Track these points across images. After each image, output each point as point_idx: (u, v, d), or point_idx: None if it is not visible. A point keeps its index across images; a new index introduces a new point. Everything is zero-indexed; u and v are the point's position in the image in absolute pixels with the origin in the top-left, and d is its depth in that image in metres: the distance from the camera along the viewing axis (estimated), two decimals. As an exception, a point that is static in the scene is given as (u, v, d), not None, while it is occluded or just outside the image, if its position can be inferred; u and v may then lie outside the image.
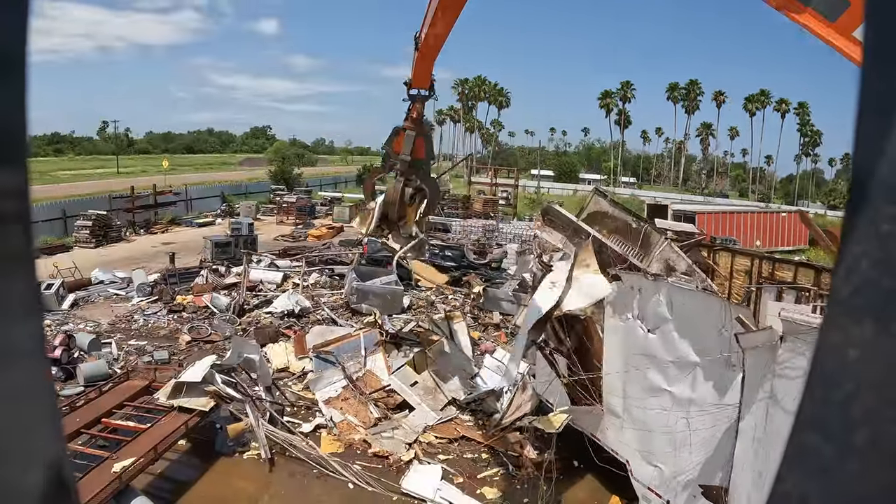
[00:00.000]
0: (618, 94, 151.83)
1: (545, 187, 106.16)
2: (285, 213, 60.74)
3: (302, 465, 16.15)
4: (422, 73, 18.75)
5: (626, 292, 14.32)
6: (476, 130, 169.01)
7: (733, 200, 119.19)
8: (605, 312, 15.05)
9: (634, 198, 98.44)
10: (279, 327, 25.49)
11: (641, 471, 13.88)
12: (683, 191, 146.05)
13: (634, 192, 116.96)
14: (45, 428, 0.87)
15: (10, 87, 0.77)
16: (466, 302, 30.35)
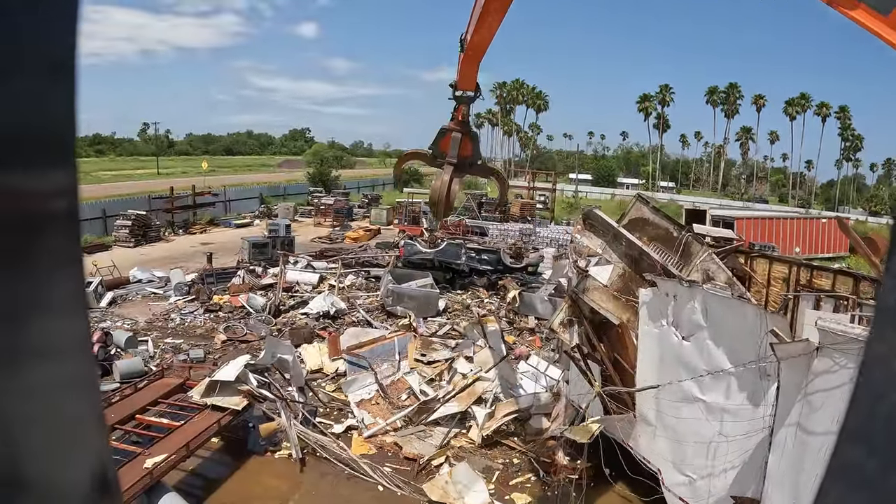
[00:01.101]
0: (656, 97, 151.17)
1: (583, 191, 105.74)
2: (323, 215, 60.96)
3: (333, 466, 16.15)
4: (467, 75, 18.76)
5: (660, 298, 14.18)
6: (514, 134, 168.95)
7: (773, 206, 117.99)
8: (640, 318, 14.92)
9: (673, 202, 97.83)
10: (314, 328, 25.55)
11: (673, 480, 13.73)
12: (722, 196, 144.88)
13: (673, 196, 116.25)
14: (91, 426, 0.92)
15: (61, 91, 0.81)
16: (502, 306, 30.23)
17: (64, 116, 0.81)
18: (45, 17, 0.79)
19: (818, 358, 10.23)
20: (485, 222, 55.24)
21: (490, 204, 61.19)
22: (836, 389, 9.91)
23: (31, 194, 0.81)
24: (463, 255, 34.10)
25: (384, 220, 59.96)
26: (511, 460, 16.97)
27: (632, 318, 15.42)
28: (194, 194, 57.46)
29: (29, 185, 0.81)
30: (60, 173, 0.83)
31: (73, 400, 0.88)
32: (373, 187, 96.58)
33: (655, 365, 14.26)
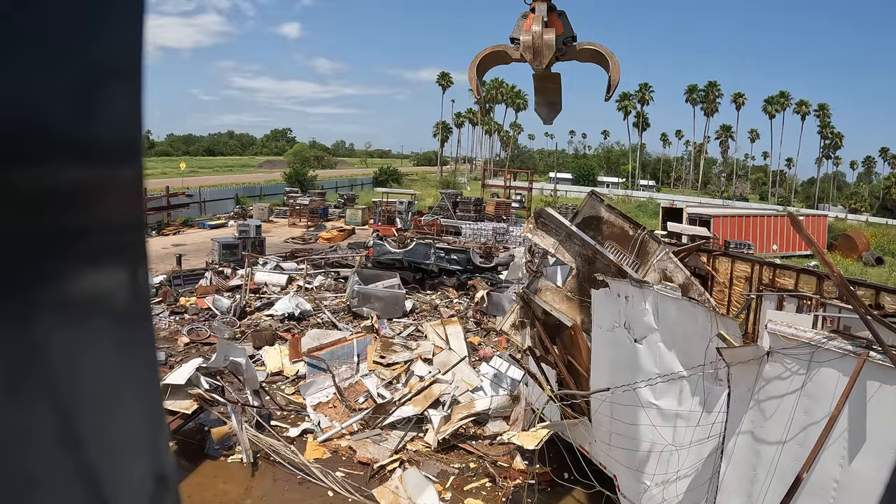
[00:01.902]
0: (636, 96, 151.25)
1: (563, 190, 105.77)
2: (298, 216, 60.53)
3: (286, 471, 15.86)
4: None
5: (613, 299, 13.84)
6: (495, 133, 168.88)
7: (753, 203, 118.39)
8: (593, 320, 14.59)
9: (651, 200, 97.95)
10: (277, 330, 25.20)
11: (629, 486, 13.43)
12: (703, 194, 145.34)
13: (653, 195, 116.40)
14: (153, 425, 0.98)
15: (128, 94, 0.86)
16: (471, 306, 29.94)
17: (131, 117, 0.86)
18: (112, 23, 0.83)
19: (769, 363, 9.91)
20: (459, 221, 55.05)
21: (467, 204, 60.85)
22: (788, 396, 9.60)
23: (102, 190, 0.85)
24: (432, 255, 33.82)
25: (359, 220, 59.72)
26: (467, 465, 16.66)
27: (585, 319, 15.10)
28: (168, 195, 56.89)
29: (100, 181, 0.85)
30: (128, 170, 0.88)
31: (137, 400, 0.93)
32: (351, 187, 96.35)
33: (609, 368, 13.93)
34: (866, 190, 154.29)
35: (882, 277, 47.69)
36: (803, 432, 9.26)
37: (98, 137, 0.83)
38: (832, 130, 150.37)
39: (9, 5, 0.74)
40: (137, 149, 0.87)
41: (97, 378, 0.86)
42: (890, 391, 8.24)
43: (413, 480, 14.90)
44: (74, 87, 0.80)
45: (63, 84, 0.79)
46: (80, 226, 0.83)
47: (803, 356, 9.36)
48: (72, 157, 0.81)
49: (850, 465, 8.67)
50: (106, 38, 0.82)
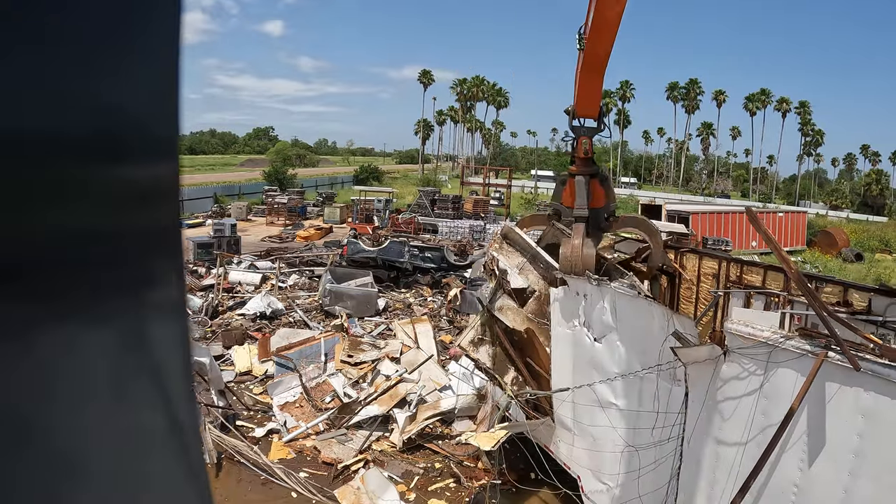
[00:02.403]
0: (617, 93, 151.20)
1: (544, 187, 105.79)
2: (276, 214, 60.22)
3: (249, 472, 15.70)
4: (589, 94, 14.98)
5: (572, 298, 13.71)
6: (477, 131, 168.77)
7: (734, 200, 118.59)
8: (552, 318, 14.46)
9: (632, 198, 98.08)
10: (248, 329, 24.99)
11: (592, 487, 13.31)
12: (685, 191, 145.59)
13: (633, 192, 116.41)
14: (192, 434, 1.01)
15: (166, 94, 0.88)
16: (444, 304, 29.81)
17: (166, 114, 0.88)
18: (149, 27, 0.86)
19: (726, 363, 9.77)
20: (436, 219, 54.94)
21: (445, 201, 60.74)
22: (746, 397, 9.46)
23: (140, 188, 0.88)
24: (406, 253, 33.70)
25: (337, 219, 59.57)
26: (433, 465, 16.55)
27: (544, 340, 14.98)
28: (144, 194, 56.45)
29: (138, 180, 0.88)
30: (165, 169, 0.90)
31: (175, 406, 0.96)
32: (331, 185, 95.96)
33: (570, 367, 13.81)
34: (847, 187, 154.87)
35: (861, 274, 47.84)
36: (762, 434, 9.12)
37: (137, 137, 0.86)
38: (813, 128, 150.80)
39: (50, 7, 0.76)
40: (174, 148, 0.90)
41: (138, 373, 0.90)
42: (849, 393, 8.08)
43: (374, 480, 14.79)
44: (112, 87, 0.83)
45: (101, 85, 0.81)
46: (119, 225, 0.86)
47: (761, 356, 9.22)
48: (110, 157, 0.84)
49: (809, 469, 8.53)
50: (146, 38, 0.85)
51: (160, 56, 0.86)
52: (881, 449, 7.79)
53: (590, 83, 14.66)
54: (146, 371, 0.92)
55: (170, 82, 0.87)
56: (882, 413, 7.75)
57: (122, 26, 0.82)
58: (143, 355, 0.91)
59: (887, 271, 50.84)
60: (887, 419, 7.70)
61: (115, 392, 0.89)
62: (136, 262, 0.88)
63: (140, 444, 0.92)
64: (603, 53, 13.81)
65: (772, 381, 9.05)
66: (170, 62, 0.86)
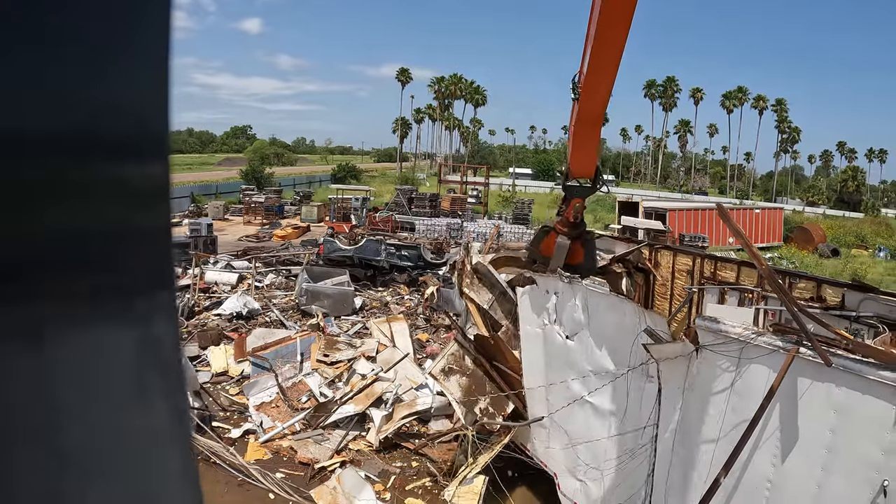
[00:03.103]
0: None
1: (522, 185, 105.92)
2: (253, 213, 60.02)
3: (226, 473, 15.57)
4: (586, 150, 13.76)
5: (541, 296, 13.67)
6: (455, 129, 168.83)
7: (712, 197, 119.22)
8: (520, 318, 14.43)
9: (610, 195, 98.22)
10: (224, 329, 24.85)
11: (568, 485, 13.32)
12: (662, 188, 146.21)
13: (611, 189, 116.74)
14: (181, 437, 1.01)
15: (156, 93, 0.89)
16: (421, 302, 29.79)
17: (157, 113, 0.88)
18: (139, 23, 0.87)
19: (698, 359, 9.77)
20: (413, 217, 54.94)
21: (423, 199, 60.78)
22: (719, 393, 9.46)
23: (132, 187, 0.88)
24: (383, 251, 33.65)
25: (315, 218, 59.45)
26: (410, 464, 16.52)
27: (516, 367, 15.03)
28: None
29: (129, 179, 0.88)
30: (156, 168, 0.89)
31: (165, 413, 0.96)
32: (309, 184, 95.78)
33: (542, 366, 13.79)
34: (824, 183, 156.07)
35: (837, 269, 48.11)
36: (734, 430, 9.13)
37: (128, 135, 0.86)
38: (790, 125, 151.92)
39: (44, 7, 0.77)
40: (166, 146, 0.89)
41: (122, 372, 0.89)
42: (821, 388, 8.09)
43: (350, 480, 14.74)
44: (104, 85, 0.83)
45: (92, 83, 0.81)
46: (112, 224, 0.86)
47: (733, 352, 9.22)
48: (102, 156, 0.84)
49: (782, 464, 8.55)
50: (137, 37, 0.86)
51: (151, 53, 0.87)
52: (853, 444, 7.81)
53: (587, 138, 13.37)
54: (138, 371, 0.92)
55: (161, 79, 0.88)
56: (853, 408, 7.76)
57: (114, 23, 0.83)
58: (135, 355, 0.90)
59: (863, 266, 51.16)
60: (859, 414, 7.71)
61: (107, 392, 0.88)
62: (128, 261, 0.89)
63: (134, 444, 0.92)
64: (602, 104, 12.75)
65: (744, 378, 9.06)
66: (161, 59, 0.88)
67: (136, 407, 0.92)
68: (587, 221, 16.33)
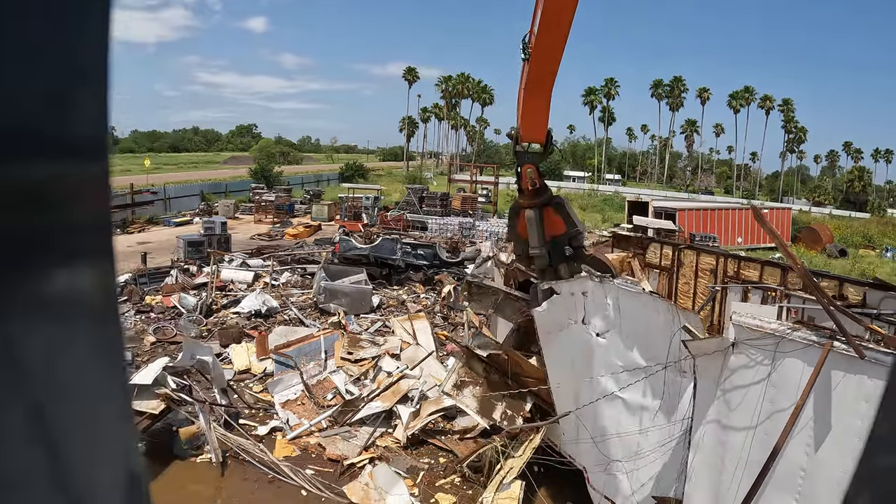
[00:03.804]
0: (602, 90, 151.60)
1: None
2: (264, 212, 60.21)
3: (255, 470, 15.73)
4: (536, 114, 13.59)
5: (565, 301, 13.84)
6: (462, 128, 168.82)
7: (718, 197, 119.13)
8: (538, 330, 14.58)
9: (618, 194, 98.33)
10: (244, 328, 25.03)
11: (598, 479, 13.48)
12: (668, 188, 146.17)
13: (618, 189, 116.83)
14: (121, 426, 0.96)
15: (94, 92, 0.85)
16: (437, 301, 29.94)
17: (96, 115, 0.85)
18: (75, 20, 0.83)
19: (734, 354, 9.98)
20: (425, 216, 55.05)
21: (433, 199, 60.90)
22: (754, 386, 9.68)
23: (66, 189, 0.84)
24: (399, 250, 33.78)
25: (325, 216, 59.51)
26: (437, 460, 16.67)
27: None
28: (133, 193, 56.41)
29: (64, 180, 0.84)
30: (94, 169, 0.86)
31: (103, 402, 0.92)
32: (317, 183, 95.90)
33: (568, 364, 13.97)
34: (830, 183, 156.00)
35: (846, 269, 48.12)
36: (769, 421, 9.35)
37: (65, 136, 0.82)
38: (796, 125, 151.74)
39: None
40: (104, 147, 0.87)
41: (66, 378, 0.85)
42: (853, 380, 8.33)
43: (383, 476, 14.87)
44: (40, 84, 0.80)
45: (28, 82, 0.79)
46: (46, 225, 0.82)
47: (768, 347, 9.45)
48: (37, 156, 0.81)
49: (815, 453, 8.75)
50: (72, 34, 0.82)
51: (89, 52, 0.83)
52: (884, 432, 8.01)
53: (537, 101, 13.32)
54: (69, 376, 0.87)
55: (98, 79, 0.84)
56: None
57: (48, 20, 0.80)
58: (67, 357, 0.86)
59: (871, 267, 51.22)
60: (890, 403, 7.92)
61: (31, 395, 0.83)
62: (59, 263, 0.84)
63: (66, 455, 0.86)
64: (552, 65, 12.65)
65: (779, 371, 9.29)
66: (98, 58, 0.84)
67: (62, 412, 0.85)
68: (595, 220, 16.52)
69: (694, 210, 60.29)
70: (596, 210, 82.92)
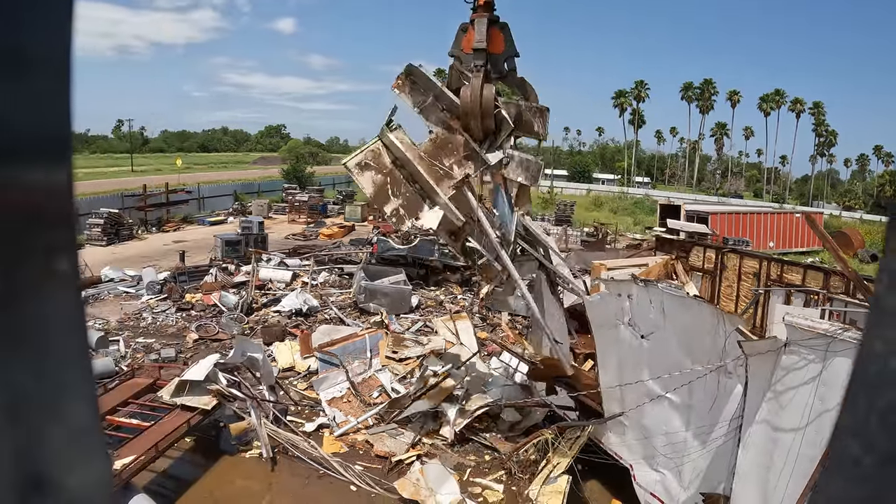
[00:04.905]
0: (632, 93, 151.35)
1: (559, 187, 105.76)
2: (297, 212, 60.74)
3: (304, 465, 16.02)
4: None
5: (613, 299, 14.16)
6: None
7: (748, 201, 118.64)
8: (591, 321, 14.97)
9: (648, 198, 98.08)
10: (286, 326, 25.39)
11: (644, 476, 13.72)
12: (698, 191, 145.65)
13: (648, 191, 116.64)
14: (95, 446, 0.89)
15: (55, 90, 0.81)
16: (475, 302, 30.17)
17: (59, 114, 0.81)
18: (37, 15, 0.79)
19: (785, 354, 10.23)
20: (460, 218, 55.07)
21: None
22: (805, 385, 9.93)
23: (27, 191, 0.80)
24: (436, 250, 34.01)
25: (359, 217, 59.78)
26: (483, 457, 16.91)
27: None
28: (168, 192, 57.09)
29: (26, 182, 0.80)
30: (57, 171, 0.82)
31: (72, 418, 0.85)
32: (348, 183, 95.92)
33: (615, 364, 14.27)
34: (860, 187, 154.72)
35: (878, 274, 47.89)
36: (819, 419, 9.60)
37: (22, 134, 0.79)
38: (826, 128, 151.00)
39: None
40: (67, 147, 0.83)
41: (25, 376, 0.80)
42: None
43: (434, 473, 15.05)
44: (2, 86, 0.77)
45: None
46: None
47: (819, 347, 9.70)
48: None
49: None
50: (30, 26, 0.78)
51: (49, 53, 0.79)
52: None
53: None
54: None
55: (60, 79, 0.80)
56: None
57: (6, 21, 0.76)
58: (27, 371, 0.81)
59: (903, 272, 50.95)
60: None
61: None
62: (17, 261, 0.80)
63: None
64: None
65: (829, 370, 9.54)
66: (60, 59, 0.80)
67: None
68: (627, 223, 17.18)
69: (726, 214, 60.14)
70: (627, 213, 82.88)
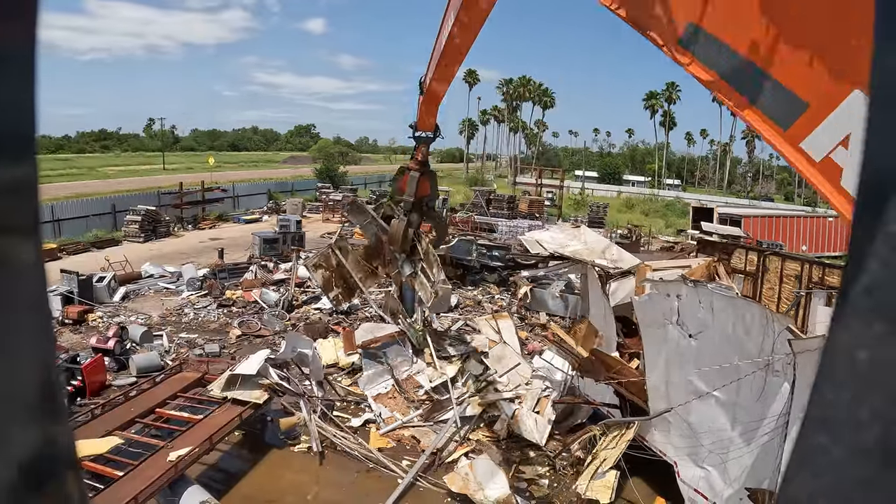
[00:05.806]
0: (663, 94, 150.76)
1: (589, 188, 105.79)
2: (331, 211, 61.01)
3: (351, 460, 16.39)
4: (426, 117, 19.71)
5: (661, 299, 14.43)
6: (520, 131, 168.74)
7: (779, 204, 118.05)
8: (639, 320, 15.28)
9: (679, 200, 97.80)
10: (328, 323, 25.76)
11: (688, 473, 13.95)
12: (728, 194, 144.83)
13: (679, 194, 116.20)
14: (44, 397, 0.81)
15: (15, 82, 0.76)
16: (513, 302, 30.40)
17: (21, 110, 0.76)
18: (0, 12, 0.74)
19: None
20: (493, 219, 55.43)
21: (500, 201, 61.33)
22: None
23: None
24: (474, 251, 34.24)
25: (394, 216, 59.76)
26: (528, 453, 17.15)
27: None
28: (203, 190, 57.66)
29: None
30: (19, 169, 0.77)
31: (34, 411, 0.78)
32: (379, 183, 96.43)
33: (662, 362, 14.53)
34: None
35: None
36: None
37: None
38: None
39: None
40: (31, 145, 0.78)
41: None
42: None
43: (483, 467, 15.31)
44: None
45: None
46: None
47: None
48: None
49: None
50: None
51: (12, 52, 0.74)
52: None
53: (429, 111, 19.35)
54: None
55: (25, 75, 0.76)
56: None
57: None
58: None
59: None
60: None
61: None
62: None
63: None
64: (439, 96, 18.36)
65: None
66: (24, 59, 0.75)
67: None
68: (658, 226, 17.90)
69: (759, 217, 60.07)
70: (658, 215, 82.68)
